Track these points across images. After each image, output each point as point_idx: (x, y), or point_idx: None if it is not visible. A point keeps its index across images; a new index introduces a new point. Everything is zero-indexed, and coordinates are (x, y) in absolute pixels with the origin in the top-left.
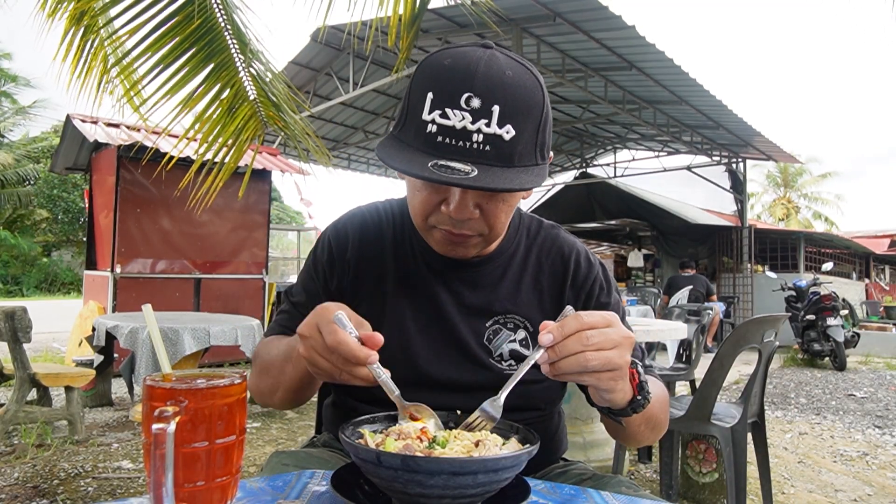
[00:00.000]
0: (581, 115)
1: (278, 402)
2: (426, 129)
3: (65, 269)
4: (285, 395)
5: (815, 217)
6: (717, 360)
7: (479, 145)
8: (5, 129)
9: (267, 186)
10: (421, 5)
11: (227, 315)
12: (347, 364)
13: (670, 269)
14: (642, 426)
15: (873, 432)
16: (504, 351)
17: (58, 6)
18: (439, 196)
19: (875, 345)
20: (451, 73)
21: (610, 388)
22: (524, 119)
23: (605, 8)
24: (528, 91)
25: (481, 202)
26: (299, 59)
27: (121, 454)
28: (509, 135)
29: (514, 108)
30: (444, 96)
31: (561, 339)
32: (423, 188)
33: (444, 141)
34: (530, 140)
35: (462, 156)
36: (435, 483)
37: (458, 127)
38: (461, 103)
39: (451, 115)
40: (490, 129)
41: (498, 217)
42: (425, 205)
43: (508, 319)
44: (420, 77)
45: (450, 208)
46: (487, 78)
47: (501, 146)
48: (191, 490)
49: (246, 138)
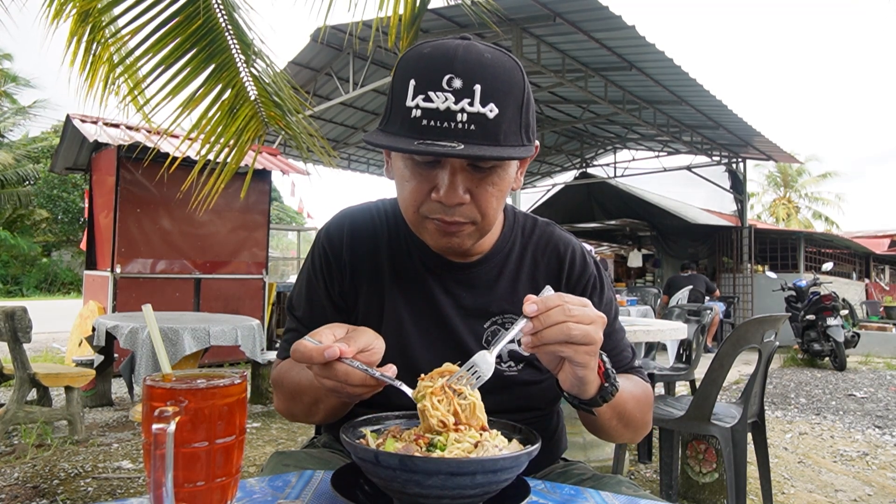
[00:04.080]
0: (581, 115)
1: (319, 421)
2: (411, 115)
3: (65, 269)
4: (326, 417)
5: (816, 217)
6: (717, 360)
7: (465, 125)
8: (5, 129)
9: (267, 186)
10: (421, 5)
11: (227, 315)
12: (324, 371)
13: (670, 269)
14: (614, 420)
15: (873, 432)
16: (503, 352)
17: (63, 6)
18: (429, 184)
19: (875, 345)
20: (431, 59)
21: (585, 362)
22: (506, 97)
23: (605, 8)
24: (507, 71)
25: (471, 186)
26: (299, 59)
27: (121, 454)
28: (493, 113)
29: (496, 88)
30: (426, 81)
31: (545, 310)
32: (412, 177)
33: (430, 124)
34: (514, 119)
35: (448, 137)
36: (433, 483)
37: (442, 108)
38: (443, 85)
39: (435, 98)
40: (473, 107)
41: (489, 202)
42: (416, 194)
43: (506, 319)
44: (402, 68)
45: (440, 194)
46: (467, 60)
47: (486, 124)
48: (191, 490)
49: (247, 139)
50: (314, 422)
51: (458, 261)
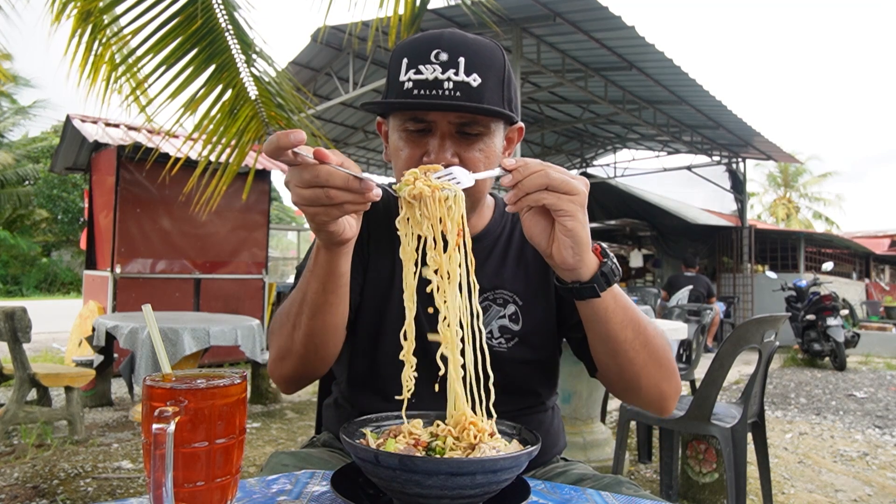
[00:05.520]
0: (581, 115)
1: (300, 348)
2: (403, 88)
3: (65, 269)
4: (308, 325)
5: (816, 217)
6: (717, 360)
7: (451, 91)
8: (5, 129)
9: (267, 186)
10: (421, 5)
11: (227, 315)
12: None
13: (670, 269)
14: (628, 329)
15: (873, 432)
16: (494, 327)
17: (65, 6)
18: (420, 150)
19: (875, 345)
20: (421, 39)
21: (570, 210)
22: (487, 69)
23: (605, 8)
24: (488, 49)
25: (459, 151)
26: (299, 59)
27: (121, 454)
28: (476, 82)
29: (478, 61)
30: (416, 56)
31: (523, 164)
32: (405, 146)
33: (420, 92)
34: (496, 90)
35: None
36: (433, 483)
37: (431, 78)
38: (431, 58)
39: (424, 70)
40: (458, 77)
41: (476, 167)
42: (408, 161)
43: (497, 295)
44: (396, 53)
45: (430, 157)
46: (452, 38)
47: (470, 92)
48: (191, 490)
49: (248, 139)
50: (292, 357)
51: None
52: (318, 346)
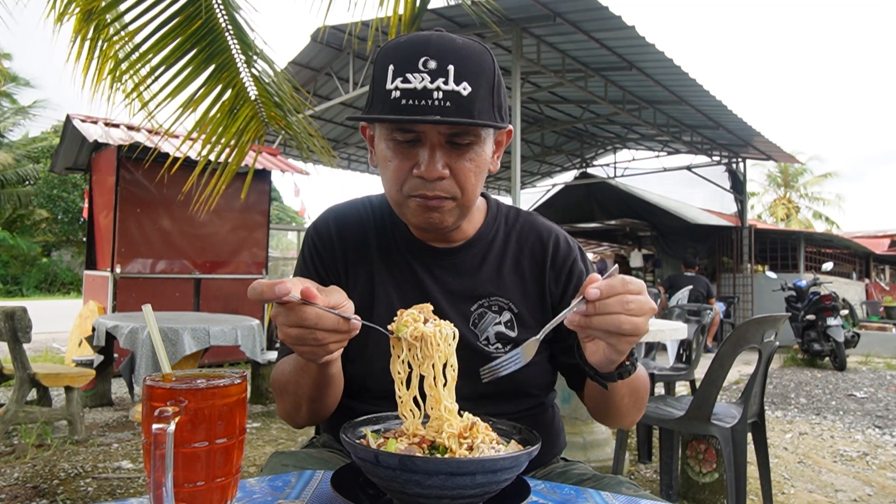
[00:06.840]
0: (581, 115)
1: (305, 417)
2: (391, 97)
3: (65, 269)
4: (309, 406)
5: (816, 217)
6: (717, 360)
7: (440, 101)
8: (5, 129)
9: (267, 186)
10: (421, 5)
11: (227, 315)
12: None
13: (670, 269)
14: (626, 398)
15: (873, 432)
16: (490, 334)
17: (67, 6)
18: (410, 161)
19: (875, 345)
20: (407, 45)
21: (624, 351)
22: (478, 77)
23: (605, 8)
24: (478, 54)
25: (450, 162)
26: (299, 59)
27: (121, 454)
28: (466, 91)
29: (468, 68)
30: (403, 64)
31: (605, 297)
32: (394, 157)
33: (408, 103)
34: (486, 98)
35: (425, 113)
36: (433, 483)
37: (419, 87)
38: (419, 66)
39: (412, 78)
40: (448, 86)
41: (468, 177)
42: (398, 172)
43: (493, 302)
44: (381, 56)
45: (421, 169)
46: (440, 44)
47: (461, 102)
48: (191, 490)
49: (247, 139)
50: (301, 416)
51: (441, 246)
52: (326, 409)
